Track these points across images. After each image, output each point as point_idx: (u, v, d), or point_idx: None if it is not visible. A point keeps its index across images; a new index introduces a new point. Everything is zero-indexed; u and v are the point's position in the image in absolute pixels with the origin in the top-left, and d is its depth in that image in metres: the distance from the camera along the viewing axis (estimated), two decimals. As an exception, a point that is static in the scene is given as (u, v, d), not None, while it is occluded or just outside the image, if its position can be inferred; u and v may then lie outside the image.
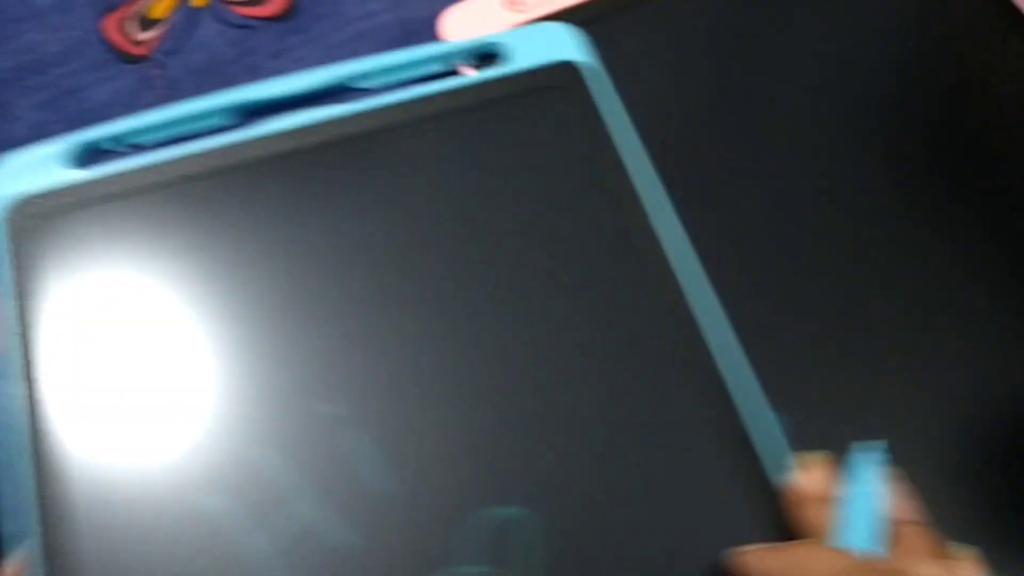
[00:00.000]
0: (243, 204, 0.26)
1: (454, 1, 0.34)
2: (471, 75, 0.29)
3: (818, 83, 0.33)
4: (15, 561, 0.22)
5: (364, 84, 0.29)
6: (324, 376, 0.25)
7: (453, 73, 0.30)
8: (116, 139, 0.27)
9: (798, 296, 0.29)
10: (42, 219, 0.26)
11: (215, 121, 0.27)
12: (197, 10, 0.33)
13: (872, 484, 0.22)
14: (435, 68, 0.29)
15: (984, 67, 0.33)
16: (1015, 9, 0.32)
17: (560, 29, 0.30)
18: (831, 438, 0.23)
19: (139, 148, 0.27)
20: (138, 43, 0.33)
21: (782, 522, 0.23)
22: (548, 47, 0.30)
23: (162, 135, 0.27)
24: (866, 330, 0.29)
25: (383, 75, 0.29)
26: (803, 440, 0.23)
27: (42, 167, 0.27)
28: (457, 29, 0.33)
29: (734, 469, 0.24)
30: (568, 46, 0.30)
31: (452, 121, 0.28)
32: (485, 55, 0.30)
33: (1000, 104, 0.32)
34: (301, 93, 0.28)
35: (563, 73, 0.29)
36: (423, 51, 0.29)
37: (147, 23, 0.34)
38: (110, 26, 0.33)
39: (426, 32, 0.33)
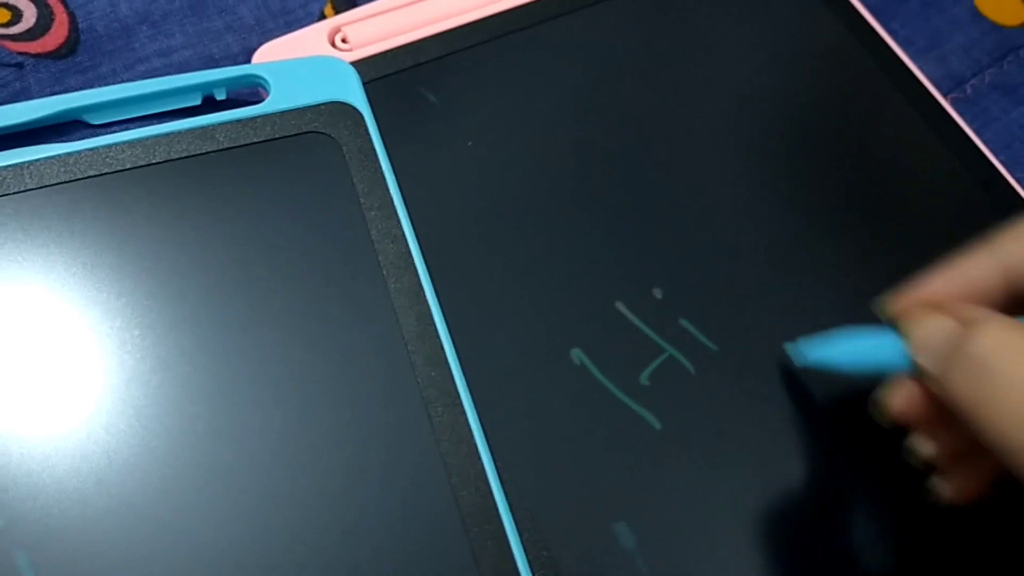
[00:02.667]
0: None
1: (271, 36, 0.30)
2: (227, 113, 0.25)
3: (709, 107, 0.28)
4: None
5: (97, 118, 0.25)
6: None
7: (214, 106, 0.25)
8: None
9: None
10: None
11: None
12: (-43, 46, 0.29)
13: None
14: (186, 101, 0.26)
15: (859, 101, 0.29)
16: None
17: (335, 64, 0.26)
18: None
19: None
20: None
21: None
22: (321, 83, 0.25)
23: None
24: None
25: (116, 108, 0.25)
26: None
27: None
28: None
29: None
30: (343, 84, 0.25)
31: (198, 163, 0.24)
32: (248, 87, 0.25)
33: (873, 130, 0.29)
34: (20, 125, 0.24)
35: (336, 114, 0.24)
36: (166, 83, 0.25)
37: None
38: None
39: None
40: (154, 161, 0.24)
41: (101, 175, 0.23)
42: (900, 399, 0.20)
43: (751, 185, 0.27)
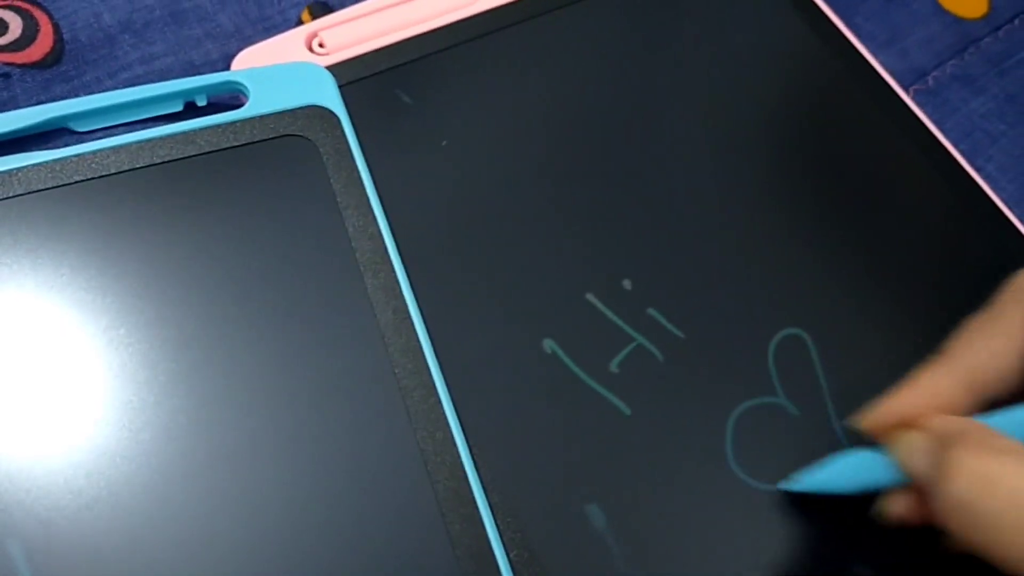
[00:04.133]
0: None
1: (250, 42, 0.30)
2: (207, 118, 0.25)
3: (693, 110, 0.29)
4: None
5: (82, 126, 0.26)
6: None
7: (196, 111, 0.26)
8: None
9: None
10: None
11: None
12: (-56, 58, 0.29)
13: None
14: (167, 108, 0.26)
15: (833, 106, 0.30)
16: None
17: (312, 70, 0.27)
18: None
19: None
20: None
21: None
22: (298, 88, 0.26)
23: None
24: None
25: (101, 116, 0.26)
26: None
27: None
28: (250, 72, 0.29)
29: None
30: (320, 88, 0.26)
31: (180, 168, 0.25)
32: (228, 93, 0.26)
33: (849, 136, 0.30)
34: (8, 133, 0.25)
35: (313, 117, 0.25)
36: (148, 90, 0.26)
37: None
38: None
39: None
40: (138, 166, 0.24)
41: (87, 180, 0.24)
42: (898, 508, 0.22)
43: (718, 180, 0.28)
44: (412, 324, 0.24)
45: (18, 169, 0.24)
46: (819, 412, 0.24)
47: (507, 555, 0.22)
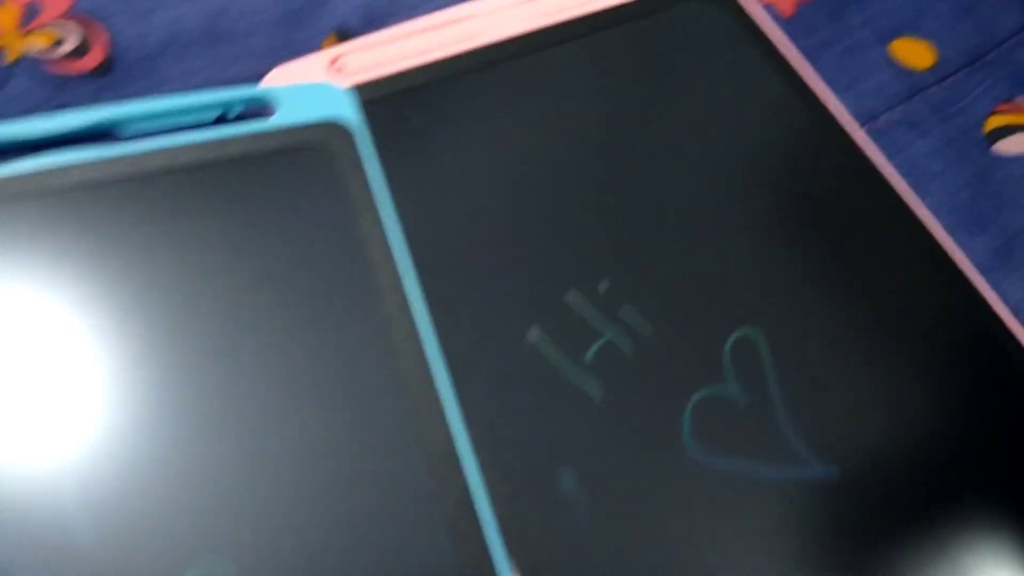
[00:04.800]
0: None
1: (278, 62, 0.34)
2: (237, 126, 0.29)
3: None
4: None
5: (127, 130, 0.29)
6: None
7: (224, 124, 0.29)
8: None
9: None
10: None
11: None
12: (7, 68, 0.33)
13: None
14: (203, 117, 0.30)
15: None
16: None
17: (332, 90, 0.30)
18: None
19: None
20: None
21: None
22: (319, 105, 0.30)
23: None
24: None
25: (145, 121, 0.29)
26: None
27: None
28: (277, 90, 0.33)
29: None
30: (338, 106, 0.30)
31: (210, 172, 0.28)
32: (257, 107, 0.29)
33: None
34: (57, 134, 0.28)
35: (330, 132, 0.29)
36: (189, 99, 0.29)
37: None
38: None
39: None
40: (175, 165, 0.28)
41: (128, 180, 0.27)
42: None
43: (690, 197, 0.32)
44: (413, 319, 0.27)
45: (56, 168, 0.27)
46: (767, 403, 0.28)
47: (493, 510, 0.25)
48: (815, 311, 0.30)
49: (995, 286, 0.32)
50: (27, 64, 0.33)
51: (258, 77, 0.35)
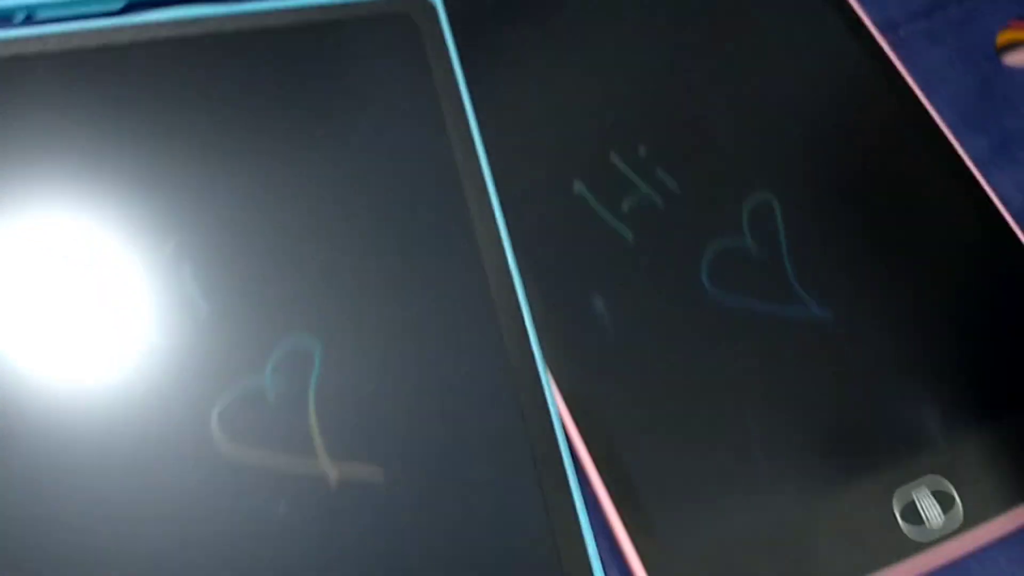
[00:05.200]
0: (99, 86, 0.29)
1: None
2: None
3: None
4: None
5: None
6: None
7: None
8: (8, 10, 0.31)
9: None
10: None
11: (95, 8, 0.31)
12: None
13: None
14: None
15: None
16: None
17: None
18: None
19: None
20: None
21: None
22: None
23: (50, 13, 0.31)
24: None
25: None
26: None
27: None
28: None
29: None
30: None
31: (296, 36, 0.32)
32: None
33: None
34: None
35: (415, 5, 0.33)
36: None
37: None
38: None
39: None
40: (256, 29, 0.31)
41: (209, 37, 0.30)
42: None
43: (726, 85, 0.36)
44: (482, 174, 0.31)
45: (161, 21, 0.31)
46: (776, 255, 0.33)
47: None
48: (826, 183, 0.34)
49: (988, 178, 0.36)
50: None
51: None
